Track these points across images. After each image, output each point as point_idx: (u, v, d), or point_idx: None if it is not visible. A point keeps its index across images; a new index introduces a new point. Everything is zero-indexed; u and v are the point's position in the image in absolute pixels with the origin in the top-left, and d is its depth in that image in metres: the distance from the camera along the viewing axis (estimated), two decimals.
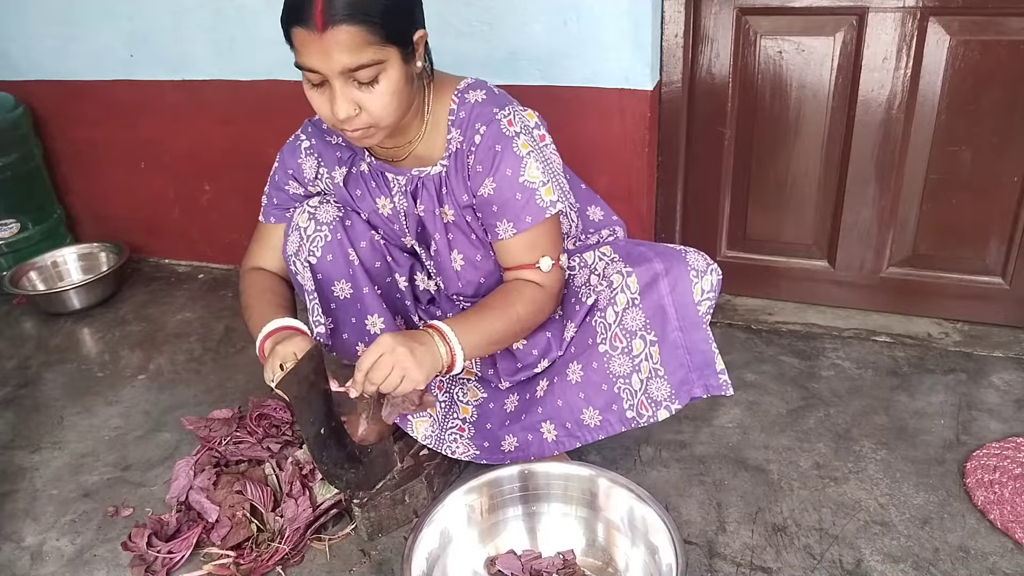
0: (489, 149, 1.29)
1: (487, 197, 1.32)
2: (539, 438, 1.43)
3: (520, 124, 1.31)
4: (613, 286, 1.34)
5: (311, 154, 1.44)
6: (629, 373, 1.35)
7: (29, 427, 1.86)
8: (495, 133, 1.29)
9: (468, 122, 1.32)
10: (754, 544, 1.39)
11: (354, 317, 1.45)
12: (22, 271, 2.44)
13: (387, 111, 1.20)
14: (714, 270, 1.35)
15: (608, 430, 1.38)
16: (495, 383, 1.52)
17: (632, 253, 1.37)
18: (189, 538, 1.42)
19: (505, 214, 1.32)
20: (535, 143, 1.31)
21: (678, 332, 1.33)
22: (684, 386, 1.35)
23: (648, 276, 1.32)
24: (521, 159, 1.29)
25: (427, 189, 1.37)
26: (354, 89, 1.17)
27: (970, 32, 1.73)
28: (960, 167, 1.85)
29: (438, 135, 1.35)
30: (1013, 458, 1.52)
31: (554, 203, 1.32)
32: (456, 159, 1.34)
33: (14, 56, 2.47)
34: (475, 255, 1.40)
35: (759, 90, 1.93)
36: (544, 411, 1.42)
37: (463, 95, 1.33)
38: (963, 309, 1.99)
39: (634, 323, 1.33)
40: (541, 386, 1.44)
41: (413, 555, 1.21)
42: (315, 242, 1.40)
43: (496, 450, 1.47)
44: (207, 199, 2.51)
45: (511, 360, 1.47)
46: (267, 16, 2.12)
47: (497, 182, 1.30)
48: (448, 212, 1.38)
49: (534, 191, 1.30)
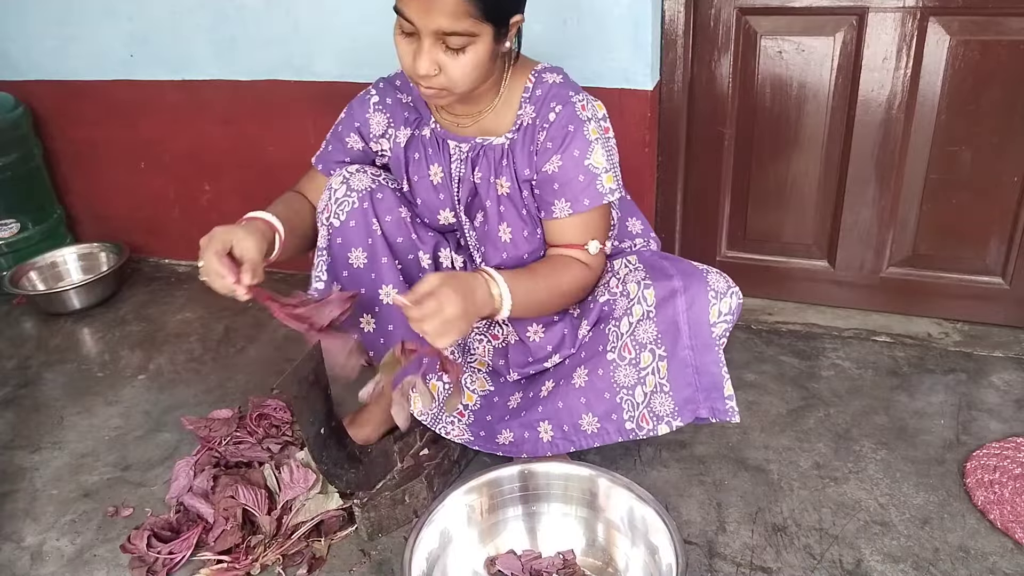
0: (562, 128, 1.33)
1: (551, 174, 1.34)
2: (535, 436, 1.43)
3: (592, 111, 1.35)
4: (630, 296, 1.34)
5: (380, 110, 1.46)
6: (633, 385, 1.34)
7: (29, 427, 1.86)
8: (570, 114, 1.33)
9: (543, 100, 1.35)
10: (754, 544, 1.39)
11: (364, 287, 1.45)
12: (22, 271, 2.44)
13: (465, 80, 1.24)
14: (735, 293, 1.34)
15: (604, 439, 1.38)
16: (503, 375, 1.52)
17: (655, 266, 1.38)
18: (189, 539, 1.42)
19: (565, 193, 1.34)
20: (602, 133, 1.35)
21: (689, 351, 1.33)
22: (689, 405, 1.35)
23: (666, 291, 1.32)
24: (590, 143, 1.33)
25: (487, 158, 1.40)
26: (440, 51, 1.21)
27: (970, 32, 1.73)
28: (960, 167, 1.85)
29: (508, 110, 1.39)
30: (1013, 458, 1.52)
31: (612, 191, 1.35)
32: (525, 133, 1.37)
33: (14, 56, 2.47)
34: (523, 230, 1.42)
35: (759, 90, 1.93)
36: (544, 411, 1.42)
37: (540, 75, 1.38)
38: (963, 309, 1.99)
39: (646, 336, 1.33)
40: (546, 387, 1.44)
41: (413, 555, 1.21)
42: (342, 205, 1.42)
43: (491, 441, 1.47)
44: (207, 199, 2.51)
45: (523, 352, 1.48)
46: (267, 16, 2.12)
47: (564, 161, 1.33)
48: (504, 184, 1.40)
49: (596, 176, 1.33)
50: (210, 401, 1.89)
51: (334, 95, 1.39)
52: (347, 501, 1.46)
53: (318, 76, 2.13)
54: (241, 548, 1.41)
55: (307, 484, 1.46)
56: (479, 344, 1.56)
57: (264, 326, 2.22)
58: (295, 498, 1.46)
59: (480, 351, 1.56)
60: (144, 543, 1.41)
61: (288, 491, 1.46)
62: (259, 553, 1.40)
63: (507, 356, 1.51)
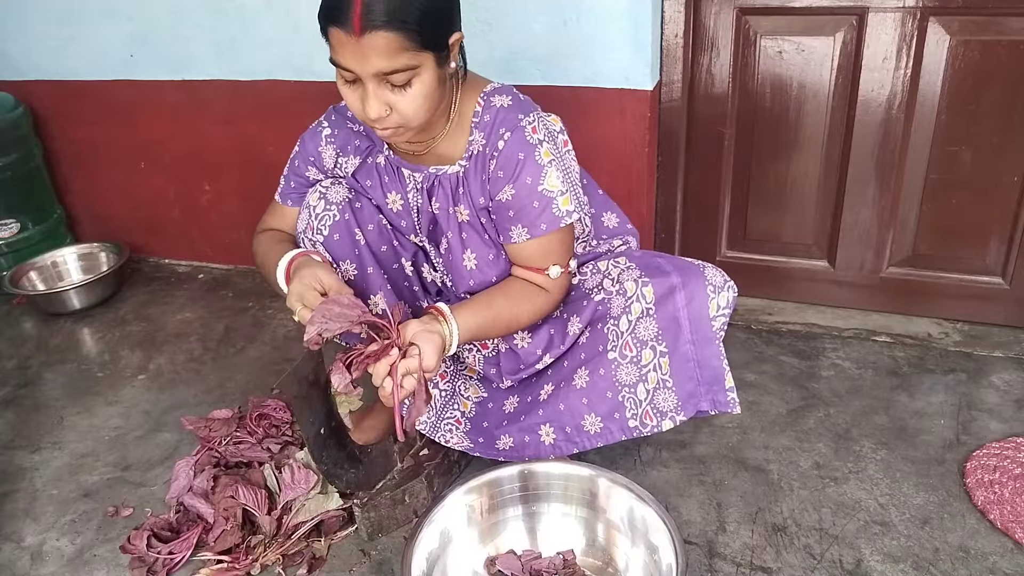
0: (512, 156, 1.30)
1: (505, 202, 1.33)
2: (536, 440, 1.42)
3: (544, 131, 1.31)
4: (628, 294, 1.34)
5: (331, 142, 1.45)
6: (635, 383, 1.34)
7: (29, 427, 1.86)
8: (519, 140, 1.30)
9: (492, 126, 1.32)
10: (754, 544, 1.39)
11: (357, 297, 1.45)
12: (22, 271, 2.44)
13: (418, 113, 1.22)
14: (731, 287, 1.35)
15: (608, 438, 1.38)
16: (496, 383, 1.52)
17: (649, 264, 1.38)
18: (189, 539, 1.42)
19: (521, 220, 1.33)
20: (557, 150, 1.32)
21: (690, 345, 1.33)
22: (692, 399, 1.35)
23: (664, 288, 1.32)
24: (542, 168, 1.30)
25: (443, 187, 1.38)
26: (387, 91, 1.19)
27: (970, 32, 1.73)
28: (960, 167, 1.85)
29: (460, 135, 1.36)
30: (1013, 458, 1.52)
31: (570, 213, 1.33)
32: (476, 161, 1.34)
33: (14, 56, 2.47)
34: (488, 254, 1.41)
35: (759, 90, 1.93)
36: (545, 414, 1.42)
37: (488, 98, 1.34)
38: (963, 309, 1.99)
39: (646, 333, 1.33)
40: (545, 390, 1.44)
41: (413, 555, 1.21)
42: (323, 220, 1.41)
43: (490, 447, 1.47)
44: (207, 199, 2.51)
45: (514, 359, 1.47)
46: (267, 16, 2.12)
47: (516, 189, 1.31)
48: (463, 212, 1.38)
49: (552, 200, 1.31)
50: (210, 401, 1.89)
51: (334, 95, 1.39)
52: (347, 501, 1.46)
53: (318, 76, 2.12)
54: (241, 548, 1.41)
55: (308, 485, 1.46)
56: (469, 354, 1.55)
57: (264, 326, 2.23)
58: (295, 498, 1.46)
59: (471, 360, 1.55)
60: (144, 543, 1.41)
61: (289, 491, 1.46)
62: (259, 553, 1.40)
63: (498, 364, 1.50)
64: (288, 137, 1.53)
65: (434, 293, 1.55)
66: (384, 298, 1.44)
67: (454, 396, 1.54)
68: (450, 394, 1.54)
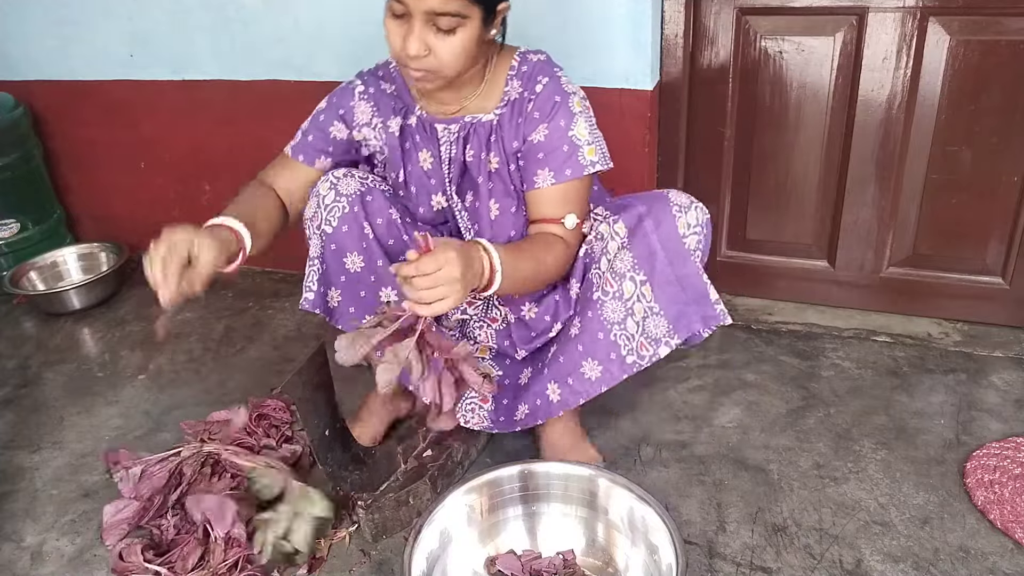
0: (549, 98, 1.36)
1: (536, 144, 1.37)
2: (546, 401, 1.45)
3: (575, 87, 1.39)
4: (603, 236, 1.38)
5: (365, 99, 1.47)
6: (623, 318, 1.37)
7: (29, 427, 1.85)
8: (556, 86, 1.37)
9: (530, 75, 1.39)
10: (754, 544, 1.39)
11: (364, 291, 1.45)
12: (22, 271, 2.44)
13: (454, 63, 1.26)
14: (698, 207, 1.39)
15: (609, 380, 1.40)
16: (511, 355, 1.54)
17: (618, 205, 1.44)
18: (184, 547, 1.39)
19: (549, 163, 1.36)
20: (584, 107, 1.39)
21: (668, 267, 1.37)
22: (682, 319, 1.39)
23: (632, 219, 1.37)
24: (574, 115, 1.36)
25: (478, 135, 1.41)
26: (431, 32, 1.22)
27: (970, 32, 1.73)
28: (960, 167, 1.85)
29: (494, 91, 1.41)
30: (1013, 458, 1.52)
31: (594, 163, 1.37)
32: (513, 107, 1.39)
33: (14, 56, 2.47)
34: (510, 206, 1.44)
35: (759, 90, 1.93)
36: (549, 372, 1.44)
37: (525, 55, 1.42)
38: (963, 309, 1.99)
39: (623, 265, 1.36)
40: (552, 352, 1.46)
41: (413, 555, 1.21)
42: (332, 212, 1.42)
43: (510, 421, 1.49)
44: (207, 199, 2.51)
45: (525, 329, 1.51)
46: (267, 16, 2.12)
47: (550, 130, 1.36)
48: (493, 160, 1.42)
49: (579, 147, 1.36)
50: (210, 401, 1.89)
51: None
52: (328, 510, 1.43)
53: (318, 76, 2.12)
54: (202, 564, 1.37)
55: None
56: (480, 331, 1.57)
57: (264, 326, 2.23)
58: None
59: (483, 337, 1.57)
60: (139, 559, 1.37)
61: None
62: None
63: (511, 336, 1.53)
64: (288, 137, 1.53)
65: None
66: (395, 292, 1.44)
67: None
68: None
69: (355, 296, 1.46)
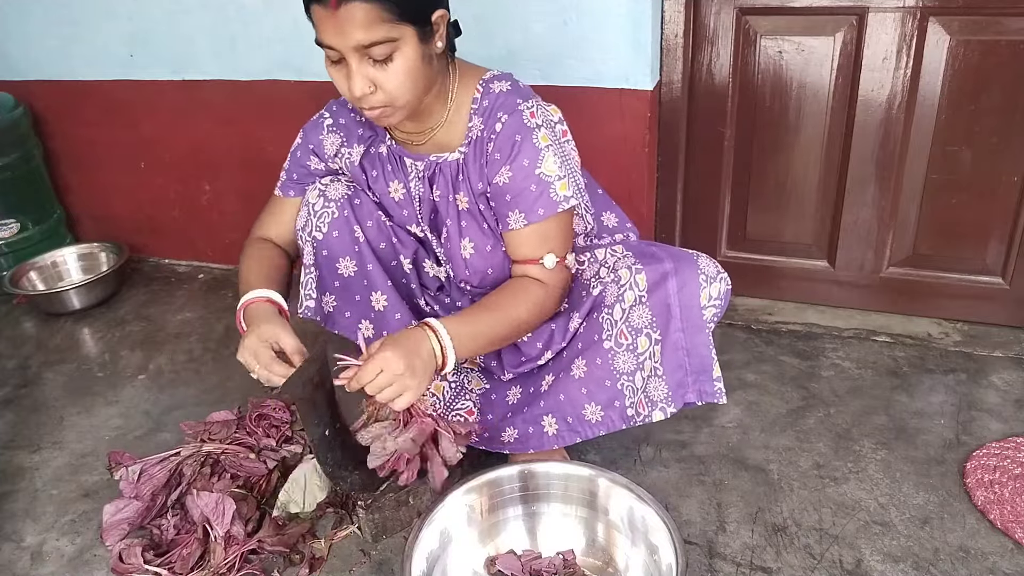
0: (509, 138, 1.31)
1: (502, 186, 1.33)
2: (539, 431, 1.43)
3: (542, 117, 1.32)
4: (621, 281, 1.34)
5: (334, 131, 1.46)
6: (633, 370, 1.35)
7: (29, 427, 1.85)
8: (516, 123, 1.31)
9: (491, 111, 1.33)
10: (754, 544, 1.39)
11: (358, 295, 1.45)
12: (22, 271, 2.44)
13: (402, 89, 1.22)
14: (724, 279, 1.35)
15: (609, 426, 1.39)
16: (498, 375, 1.52)
17: (644, 252, 1.38)
18: (184, 547, 1.39)
19: (518, 204, 1.32)
20: (555, 138, 1.33)
21: (680, 332, 1.34)
22: (680, 389, 1.36)
23: (657, 275, 1.32)
24: (539, 151, 1.30)
25: (444, 175, 1.38)
26: (369, 66, 1.19)
27: (970, 32, 1.73)
28: (960, 167, 1.85)
29: (459, 122, 1.36)
30: (1013, 458, 1.52)
31: (568, 199, 1.32)
32: (475, 146, 1.35)
33: (14, 56, 2.47)
34: (485, 244, 1.41)
35: (759, 90, 1.93)
36: (546, 405, 1.42)
37: (488, 85, 1.35)
38: (963, 309, 1.99)
39: (640, 320, 1.33)
40: (546, 380, 1.44)
41: (413, 555, 1.21)
42: (322, 218, 1.41)
43: (495, 440, 1.47)
44: (207, 199, 2.51)
45: (515, 353, 1.48)
46: (267, 16, 2.12)
47: (513, 171, 1.31)
48: (463, 199, 1.39)
49: (549, 184, 1.31)
50: (210, 401, 1.89)
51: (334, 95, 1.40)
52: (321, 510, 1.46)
53: (318, 76, 2.11)
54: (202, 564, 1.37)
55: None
56: None
57: None
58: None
59: None
60: (139, 560, 1.37)
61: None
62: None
63: (500, 358, 1.51)
64: (288, 137, 1.53)
65: (434, 290, 1.55)
66: (384, 296, 1.44)
67: (462, 390, 1.55)
68: (459, 388, 1.55)
69: (350, 300, 1.46)
